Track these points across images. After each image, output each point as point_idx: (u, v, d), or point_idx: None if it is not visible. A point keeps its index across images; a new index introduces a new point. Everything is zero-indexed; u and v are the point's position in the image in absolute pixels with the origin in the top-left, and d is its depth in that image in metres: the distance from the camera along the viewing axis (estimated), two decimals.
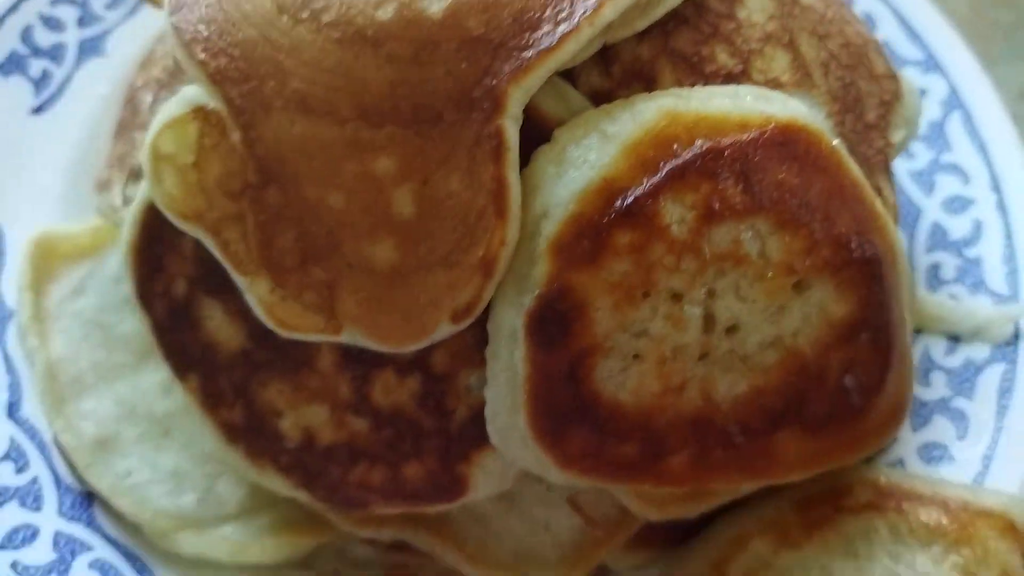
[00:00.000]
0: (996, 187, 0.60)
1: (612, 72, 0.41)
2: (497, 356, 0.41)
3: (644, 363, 0.40)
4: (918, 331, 0.57)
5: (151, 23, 0.64)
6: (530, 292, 0.39)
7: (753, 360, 0.42)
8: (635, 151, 0.38)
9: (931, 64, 0.63)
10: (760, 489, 0.50)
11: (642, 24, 0.41)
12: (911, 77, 0.61)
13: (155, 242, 0.45)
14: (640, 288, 0.39)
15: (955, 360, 0.56)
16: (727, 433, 0.42)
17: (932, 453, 0.53)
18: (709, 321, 0.40)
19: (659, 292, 0.39)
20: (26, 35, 0.63)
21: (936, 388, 0.55)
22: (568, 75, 0.40)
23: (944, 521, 0.48)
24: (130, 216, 0.46)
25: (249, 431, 0.46)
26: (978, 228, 0.59)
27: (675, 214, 0.38)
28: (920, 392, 0.55)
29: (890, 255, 0.43)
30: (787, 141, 0.40)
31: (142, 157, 0.41)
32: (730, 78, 0.42)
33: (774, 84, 0.43)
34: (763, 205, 0.39)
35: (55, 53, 0.63)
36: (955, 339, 0.56)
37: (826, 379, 0.43)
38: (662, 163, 0.38)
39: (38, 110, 0.62)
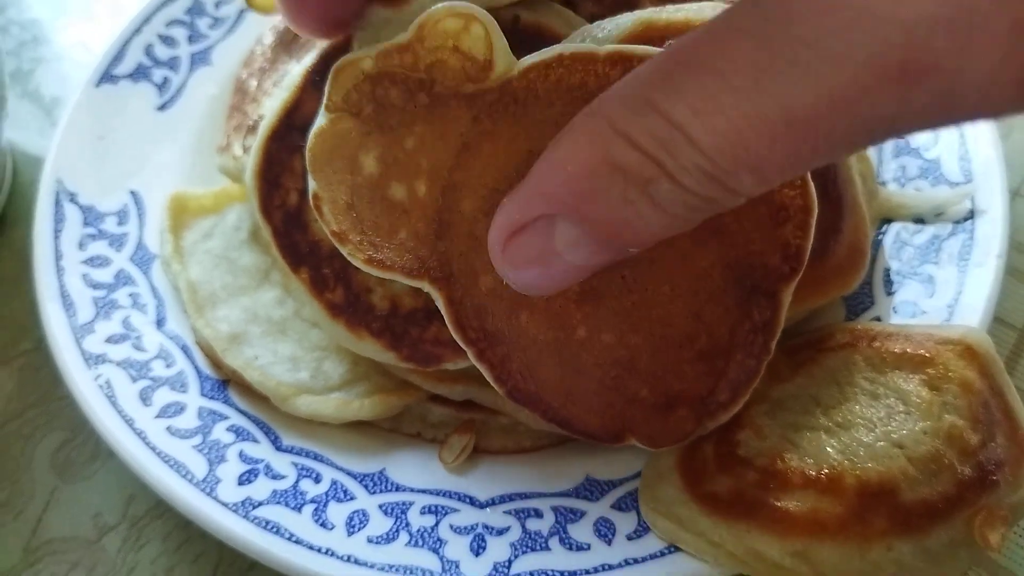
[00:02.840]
0: None
1: (604, 1, 0.54)
2: None
3: None
4: (890, 220, 0.66)
5: (246, 36, 0.77)
6: None
7: None
8: None
9: None
10: None
11: None
12: None
13: (273, 165, 0.57)
14: None
15: (922, 237, 0.64)
16: None
17: (905, 309, 0.61)
18: None
19: None
20: (149, 50, 0.76)
21: (907, 260, 0.63)
22: (570, 3, 0.53)
23: (910, 349, 0.54)
24: (253, 150, 0.57)
25: (348, 307, 0.56)
26: (936, 134, 0.68)
27: None
28: (894, 265, 0.63)
29: None
30: None
31: None
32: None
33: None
34: None
35: (172, 64, 0.76)
36: (921, 221, 0.65)
37: None
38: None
39: (162, 108, 0.74)
